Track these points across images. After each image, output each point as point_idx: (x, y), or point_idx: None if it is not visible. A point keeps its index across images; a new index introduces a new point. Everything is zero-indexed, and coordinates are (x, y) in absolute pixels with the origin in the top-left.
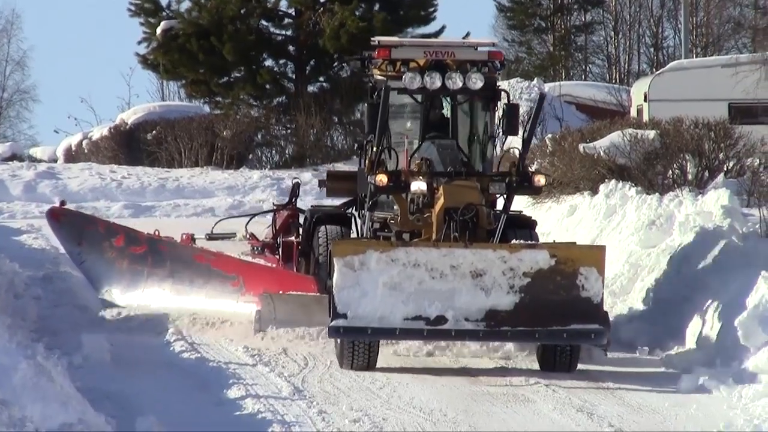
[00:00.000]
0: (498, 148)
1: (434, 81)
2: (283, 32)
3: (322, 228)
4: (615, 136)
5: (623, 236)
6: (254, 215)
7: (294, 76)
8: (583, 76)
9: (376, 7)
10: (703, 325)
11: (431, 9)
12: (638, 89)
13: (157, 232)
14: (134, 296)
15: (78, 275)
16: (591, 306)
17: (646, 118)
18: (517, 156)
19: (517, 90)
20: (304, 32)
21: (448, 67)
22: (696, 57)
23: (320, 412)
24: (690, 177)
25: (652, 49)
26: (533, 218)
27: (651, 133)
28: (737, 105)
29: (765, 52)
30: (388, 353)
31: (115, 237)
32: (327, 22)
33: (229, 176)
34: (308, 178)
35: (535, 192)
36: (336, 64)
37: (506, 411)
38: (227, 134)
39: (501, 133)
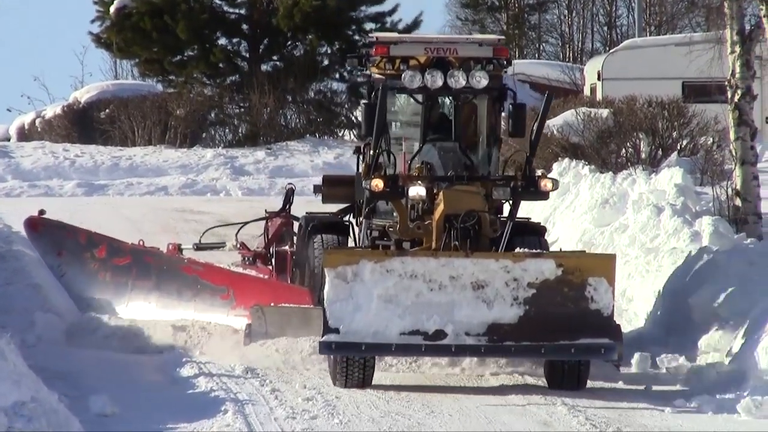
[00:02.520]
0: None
1: (436, 80)
2: (237, 11)
3: (318, 237)
4: (568, 115)
5: (576, 215)
6: (245, 223)
7: (247, 55)
8: (536, 55)
9: None
10: (655, 305)
11: None
12: (592, 68)
13: (141, 242)
14: (118, 310)
15: (32, 254)
16: (601, 319)
17: (599, 96)
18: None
19: None
20: (257, 11)
21: (450, 64)
22: (650, 36)
23: (273, 390)
24: (643, 155)
25: (605, 28)
26: (542, 225)
27: (604, 112)
28: (691, 83)
29: (719, 30)
30: None
31: (98, 247)
32: (281, 1)
33: (182, 155)
34: (261, 156)
35: (542, 197)
36: (289, 42)
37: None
38: (180, 113)
39: (507, 135)
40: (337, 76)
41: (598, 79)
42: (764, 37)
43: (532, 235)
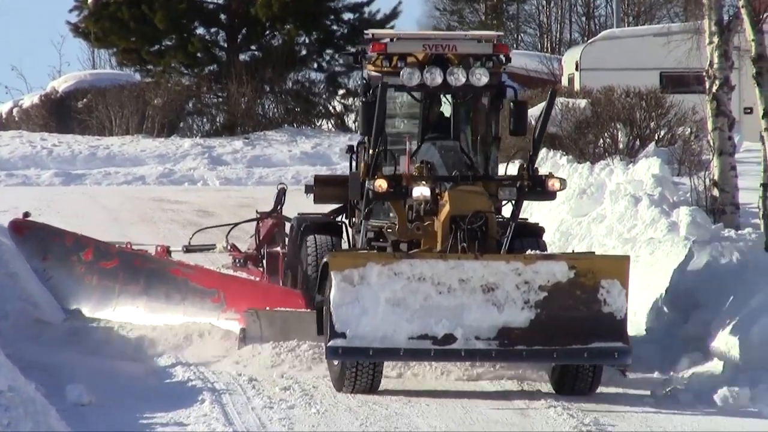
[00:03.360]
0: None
1: (435, 77)
2: (215, 0)
3: (311, 238)
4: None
5: (554, 205)
6: (235, 224)
7: (225, 45)
8: (515, 45)
9: None
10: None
11: None
12: (570, 58)
13: (129, 245)
14: (105, 315)
15: (8, 243)
16: (614, 322)
17: (577, 86)
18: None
19: None
20: (235, 1)
21: (449, 61)
22: (628, 26)
23: (250, 380)
24: (621, 146)
25: (583, 18)
26: (540, 226)
27: (582, 102)
28: (669, 74)
29: (697, 21)
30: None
31: (84, 250)
32: None
33: (160, 144)
34: (239, 146)
35: (549, 197)
36: (267, 32)
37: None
38: (158, 102)
39: (508, 134)
40: (315, 66)
41: (576, 69)
42: (742, 28)
43: (530, 236)
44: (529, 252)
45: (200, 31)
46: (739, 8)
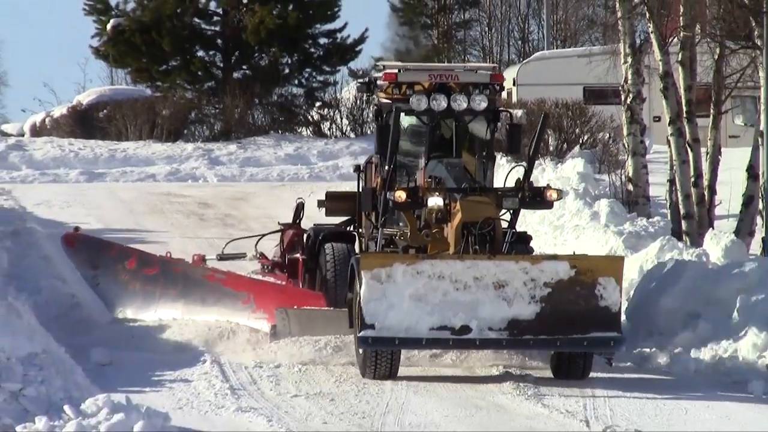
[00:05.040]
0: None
1: (440, 103)
2: (213, 28)
3: (328, 245)
4: None
5: None
6: (263, 235)
7: (221, 65)
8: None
9: (290, 6)
10: None
11: (336, 9)
12: (508, 75)
13: (168, 254)
14: (147, 316)
15: (41, 231)
16: (610, 314)
17: (515, 99)
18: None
19: None
20: (230, 28)
21: (451, 89)
22: (556, 48)
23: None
24: (551, 148)
25: (520, 42)
26: (529, 234)
27: (519, 112)
28: (591, 88)
29: (614, 44)
30: None
31: (128, 259)
32: (249, 20)
33: (167, 148)
34: (233, 149)
35: (547, 206)
36: (256, 54)
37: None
38: (166, 113)
39: (504, 152)
40: (296, 82)
41: (514, 84)
42: (652, 50)
43: (520, 242)
44: (536, 253)
45: (200, 53)
46: (649, 33)
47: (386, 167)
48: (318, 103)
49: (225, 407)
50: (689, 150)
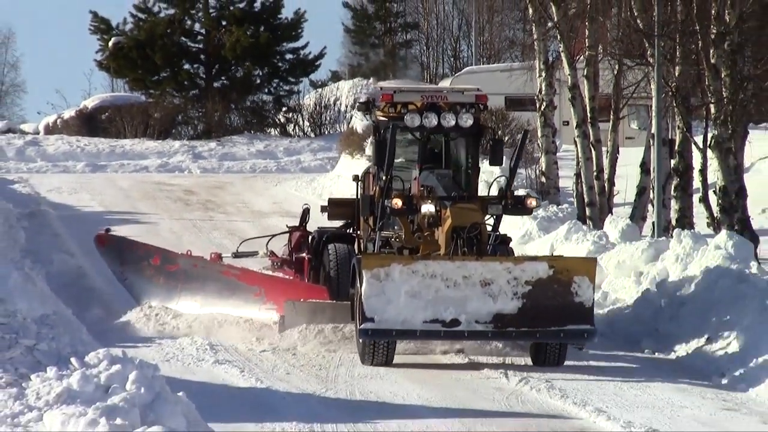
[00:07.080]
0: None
1: (432, 120)
2: (197, 45)
3: (331, 246)
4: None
5: None
6: (273, 236)
7: (204, 76)
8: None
9: (262, 28)
10: None
11: (299, 30)
12: (443, 86)
13: (189, 252)
14: (170, 307)
15: (53, 212)
16: (584, 309)
17: None
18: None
19: (359, 87)
20: (211, 45)
21: (441, 108)
22: (483, 64)
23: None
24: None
25: (452, 59)
26: (509, 236)
27: None
28: (511, 97)
29: (530, 61)
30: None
31: (152, 257)
32: (227, 39)
33: (158, 145)
34: (213, 146)
35: (527, 213)
36: (233, 67)
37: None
38: (157, 115)
39: (488, 164)
40: (266, 91)
41: None
42: (562, 66)
43: (503, 244)
44: (518, 254)
45: (186, 66)
46: (560, 52)
47: (384, 177)
48: (284, 108)
49: (204, 360)
50: (592, 149)
